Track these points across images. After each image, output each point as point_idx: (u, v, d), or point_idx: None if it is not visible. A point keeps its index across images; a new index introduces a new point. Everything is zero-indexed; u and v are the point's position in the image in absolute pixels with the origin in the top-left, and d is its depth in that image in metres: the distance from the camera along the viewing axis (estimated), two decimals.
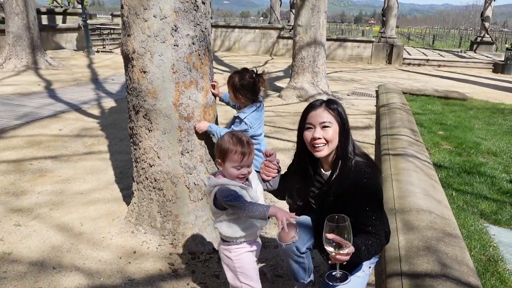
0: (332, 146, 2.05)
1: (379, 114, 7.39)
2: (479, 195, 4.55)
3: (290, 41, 16.22)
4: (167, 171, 2.94)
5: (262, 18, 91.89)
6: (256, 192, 2.08)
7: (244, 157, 1.98)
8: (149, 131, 2.90)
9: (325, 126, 2.01)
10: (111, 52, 15.94)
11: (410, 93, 10.01)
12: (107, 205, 3.59)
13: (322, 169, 2.19)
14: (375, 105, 8.65)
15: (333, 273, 1.86)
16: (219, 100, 3.15)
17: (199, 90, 2.89)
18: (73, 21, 17.47)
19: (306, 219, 2.29)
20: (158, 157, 2.92)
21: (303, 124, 2.09)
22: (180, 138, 2.89)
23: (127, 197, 3.63)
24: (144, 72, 2.78)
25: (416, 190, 3.69)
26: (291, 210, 2.39)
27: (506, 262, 3.31)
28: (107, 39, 17.32)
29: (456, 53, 21.57)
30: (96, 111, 7.06)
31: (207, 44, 2.93)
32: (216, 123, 3.09)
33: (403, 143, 5.12)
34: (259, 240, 2.20)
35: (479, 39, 21.75)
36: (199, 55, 2.86)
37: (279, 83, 10.93)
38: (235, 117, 2.94)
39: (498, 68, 16.57)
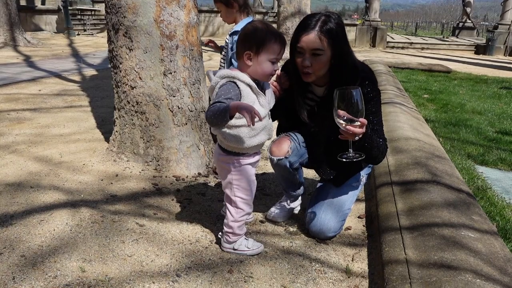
0: (320, 74, 1.95)
1: None
2: (466, 141, 4.55)
3: (274, 26, 16.12)
4: (149, 93, 2.83)
5: None
6: (269, 103, 1.85)
7: (283, 47, 1.75)
8: (130, 50, 2.79)
9: (315, 54, 1.87)
10: (92, 34, 15.64)
11: (395, 67, 10.02)
12: (88, 144, 3.47)
13: (314, 85, 2.08)
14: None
15: (346, 154, 1.72)
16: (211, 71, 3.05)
17: (181, 7, 2.79)
18: (52, 3, 17.07)
19: (298, 135, 2.20)
20: (140, 78, 2.82)
21: (295, 44, 1.91)
22: (162, 58, 2.79)
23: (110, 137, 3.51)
24: None
25: (404, 126, 3.65)
26: (283, 129, 2.30)
27: (495, 191, 3.29)
28: (88, 23, 16.98)
29: (438, 38, 21.75)
30: (77, 77, 6.88)
31: None
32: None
33: (389, 95, 5.09)
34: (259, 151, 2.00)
35: (460, 24, 21.95)
36: None
37: None
38: (232, 33, 2.83)
39: (480, 49, 16.75)
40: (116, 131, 3.06)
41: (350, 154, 1.71)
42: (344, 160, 1.72)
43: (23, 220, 2.17)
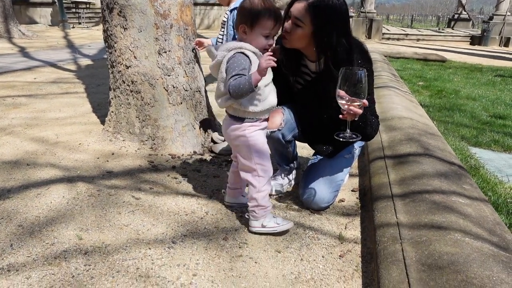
0: (296, 45, 1.94)
1: None
2: (460, 124, 4.60)
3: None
4: (144, 72, 2.85)
5: None
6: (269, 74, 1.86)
7: (277, 23, 1.76)
8: (124, 29, 2.80)
9: (296, 24, 1.86)
10: (87, 27, 15.58)
11: (390, 56, 10.05)
12: (84, 126, 3.48)
13: (307, 59, 2.07)
14: None
15: (343, 133, 1.74)
16: (212, 45, 3.02)
17: None
18: None
19: (289, 108, 2.22)
20: (135, 57, 2.83)
21: (289, 7, 1.91)
22: (156, 37, 2.80)
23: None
24: None
25: (397, 107, 3.68)
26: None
27: (488, 170, 3.33)
28: (83, 17, 16.91)
29: (434, 30, 21.76)
30: (72, 67, 6.87)
31: None
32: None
33: (384, 80, 5.12)
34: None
35: (456, 16, 21.97)
36: None
37: None
38: (232, 9, 2.81)
39: (475, 40, 16.78)
40: (112, 112, 3.07)
41: (347, 134, 1.74)
42: (341, 139, 1.75)
43: (20, 194, 2.19)
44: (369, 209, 2.11)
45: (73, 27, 15.23)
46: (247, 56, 1.72)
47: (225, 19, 2.87)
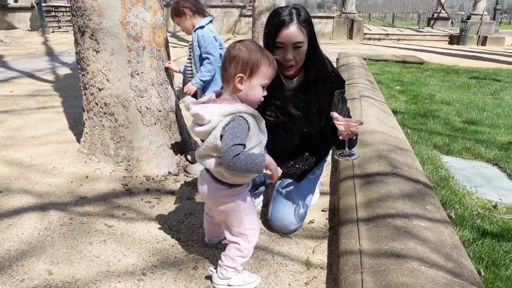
0: (300, 65, 2.04)
1: (339, 72, 7.48)
2: (433, 131, 4.69)
3: (251, 21, 16.14)
4: (117, 94, 2.87)
5: None
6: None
7: (274, 71, 1.65)
8: (97, 52, 2.82)
9: (297, 47, 1.94)
10: (67, 31, 15.41)
11: (370, 59, 10.16)
12: (59, 145, 3.48)
13: (286, 79, 2.12)
14: (336, 68, 8.75)
15: (343, 152, 1.85)
16: (180, 72, 3.09)
17: (146, 9, 2.82)
18: (25, 0, 16.73)
19: None
20: (107, 79, 2.85)
21: (273, 41, 1.94)
22: (129, 59, 2.82)
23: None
24: None
25: (370, 119, 3.76)
26: None
27: (457, 180, 3.43)
28: (62, 20, 16.71)
29: (414, 29, 22.05)
30: (50, 77, 6.82)
31: None
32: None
33: (359, 89, 5.21)
34: None
35: (435, 15, 22.27)
36: None
37: None
38: (196, 29, 2.83)
39: (454, 40, 17.04)
40: (86, 133, 3.09)
41: (347, 153, 1.85)
42: (342, 158, 1.84)
43: None
44: (336, 232, 2.17)
45: (53, 32, 15.05)
46: (246, 121, 1.56)
47: (191, 43, 2.91)
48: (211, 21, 2.89)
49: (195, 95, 2.93)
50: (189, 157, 3.11)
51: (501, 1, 18.96)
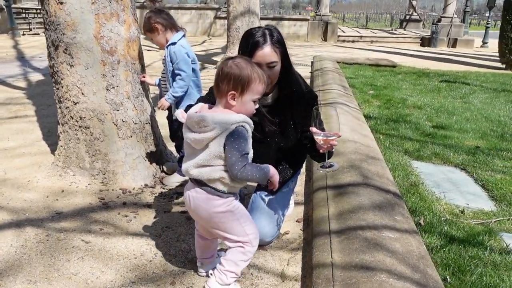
0: (275, 82, 2.12)
1: (313, 77, 7.60)
2: (404, 137, 4.84)
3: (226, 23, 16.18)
4: (93, 108, 2.87)
5: None
6: None
7: (265, 86, 1.72)
8: (71, 66, 2.82)
9: (271, 66, 2.02)
10: (38, 34, 15.11)
11: (344, 62, 10.35)
12: (33, 158, 3.46)
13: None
14: (310, 72, 8.87)
15: (324, 164, 1.95)
16: (155, 85, 3.12)
17: (120, 23, 2.84)
18: None
19: None
20: (82, 93, 2.85)
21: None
22: (104, 73, 2.83)
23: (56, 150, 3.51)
24: (61, 3, 2.69)
25: (343, 127, 3.85)
26: None
27: (427, 186, 3.56)
28: (33, 22, 16.36)
29: (387, 31, 22.49)
30: (22, 84, 6.70)
31: None
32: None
33: (333, 95, 5.31)
34: None
35: (407, 17, 22.78)
36: None
37: (216, 58, 10.90)
38: (168, 45, 2.85)
39: (425, 42, 17.48)
40: (61, 146, 3.08)
41: (327, 165, 1.95)
42: (324, 171, 1.93)
43: None
44: (310, 243, 2.24)
45: (24, 34, 14.73)
46: (246, 130, 1.64)
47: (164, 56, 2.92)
48: (184, 35, 2.92)
49: (169, 109, 2.96)
50: (165, 168, 3.13)
51: (470, 3, 19.52)
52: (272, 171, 1.69)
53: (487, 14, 20.05)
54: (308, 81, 7.79)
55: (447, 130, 5.22)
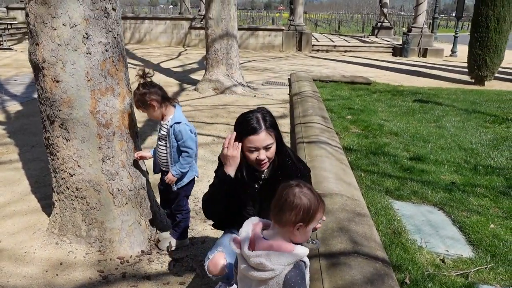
0: (272, 159, 2.25)
1: (293, 103, 7.77)
2: (384, 174, 5.04)
3: (203, 32, 16.22)
4: (89, 179, 2.93)
5: (171, 6, 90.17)
6: None
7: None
8: (67, 140, 2.86)
9: (268, 148, 2.17)
10: (11, 49, 14.78)
11: (320, 80, 10.57)
12: (25, 218, 3.47)
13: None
14: (288, 94, 9.04)
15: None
16: (152, 157, 3.11)
17: (115, 96, 2.90)
18: None
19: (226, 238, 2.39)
20: (79, 166, 2.90)
21: (243, 145, 2.17)
22: (100, 146, 2.89)
23: (47, 207, 3.54)
24: (57, 81, 2.74)
25: (329, 176, 4.01)
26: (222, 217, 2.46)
27: (408, 233, 3.75)
28: (4, 34, 15.98)
29: (359, 38, 22.96)
30: (0, 117, 6.61)
31: (121, 50, 2.95)
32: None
33: (315, 131, 5.47)
34: None
35: (379, 24, 23.30)
36: (113, 61, 2.87)
37: (194, 76, 10.95)
38: (169, 128, 2.84)
39: (397, 51, 17.95)
40: (56, 213, 3.12)
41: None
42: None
43: None
44: None
45: None
46: (305, 264, 1.68)
47: (164, 133, 2.90)
48: (179, 108, 2.97)
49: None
50: (160, 237, 3.17)
51: (438, 3, 20.27)
52: None
53: (454, 14, 20.74)
54: (287, 106, 7.97)
55: (423, 162, 5.44)
